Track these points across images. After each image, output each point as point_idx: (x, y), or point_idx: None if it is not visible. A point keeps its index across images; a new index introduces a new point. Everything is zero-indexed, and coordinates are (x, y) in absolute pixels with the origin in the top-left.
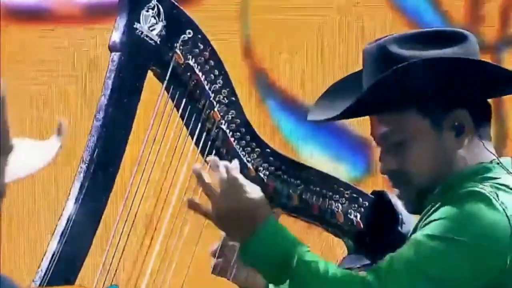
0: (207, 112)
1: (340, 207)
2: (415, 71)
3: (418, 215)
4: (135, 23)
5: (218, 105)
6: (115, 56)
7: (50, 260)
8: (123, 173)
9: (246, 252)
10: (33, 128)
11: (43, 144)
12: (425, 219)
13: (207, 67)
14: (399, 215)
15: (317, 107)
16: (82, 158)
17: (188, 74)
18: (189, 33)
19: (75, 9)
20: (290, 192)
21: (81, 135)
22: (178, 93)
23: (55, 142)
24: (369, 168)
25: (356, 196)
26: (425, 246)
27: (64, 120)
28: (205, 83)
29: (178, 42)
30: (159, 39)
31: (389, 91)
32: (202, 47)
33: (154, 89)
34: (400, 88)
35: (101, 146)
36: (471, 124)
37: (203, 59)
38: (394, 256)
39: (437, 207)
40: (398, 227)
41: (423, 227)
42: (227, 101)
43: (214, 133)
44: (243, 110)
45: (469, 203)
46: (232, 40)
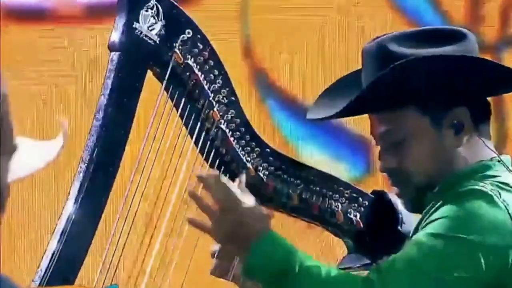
0: (207, 112)
1: (340, 207)
2: (414, 69)
3: (418, 215)
4: (134, 23)
5: (218, 105)
6: (115, 56)
7: (50, 260)
8: (123, 172)
9: (247, 269)
10: (33, 128)
11: (44, 144)
12: (426, 219)
13: (207, 67)
14: (399, 215)
15: (317, 106)
16: (82, 158)
17: (188, 74)
18: (189, 33)
19: (75, 9)
20: (290, 192)
21: (81, 135)
22: (178, 93)
23: (57, 143)
24: (369, 168)
25: (356, 196)
26: (427, 245)
27: (65, 120)
28: (204, 83)
29: (178, 42)
30: (159, 39)
31: (388, 89)
32: (202, 47)
33: (154, 89)
34: (399, 86)
35: (101, 146)
36: (471, 122)
37: (203, 59)
38: (397, 256)
39: (438, 206)
40: (398, 227)
41: (425, 227)
42: (227, 101)
43: (214, 133)
44: (243, 110)
45: (471, 201)
46: (232, 40)
